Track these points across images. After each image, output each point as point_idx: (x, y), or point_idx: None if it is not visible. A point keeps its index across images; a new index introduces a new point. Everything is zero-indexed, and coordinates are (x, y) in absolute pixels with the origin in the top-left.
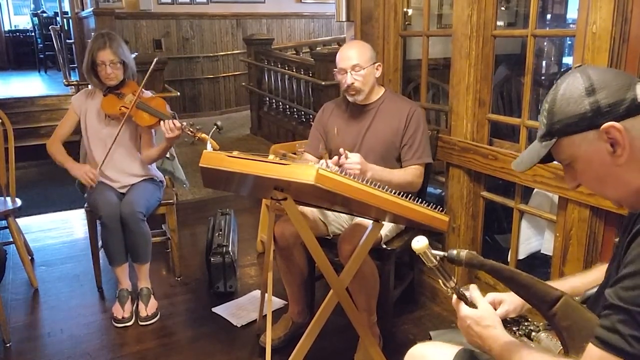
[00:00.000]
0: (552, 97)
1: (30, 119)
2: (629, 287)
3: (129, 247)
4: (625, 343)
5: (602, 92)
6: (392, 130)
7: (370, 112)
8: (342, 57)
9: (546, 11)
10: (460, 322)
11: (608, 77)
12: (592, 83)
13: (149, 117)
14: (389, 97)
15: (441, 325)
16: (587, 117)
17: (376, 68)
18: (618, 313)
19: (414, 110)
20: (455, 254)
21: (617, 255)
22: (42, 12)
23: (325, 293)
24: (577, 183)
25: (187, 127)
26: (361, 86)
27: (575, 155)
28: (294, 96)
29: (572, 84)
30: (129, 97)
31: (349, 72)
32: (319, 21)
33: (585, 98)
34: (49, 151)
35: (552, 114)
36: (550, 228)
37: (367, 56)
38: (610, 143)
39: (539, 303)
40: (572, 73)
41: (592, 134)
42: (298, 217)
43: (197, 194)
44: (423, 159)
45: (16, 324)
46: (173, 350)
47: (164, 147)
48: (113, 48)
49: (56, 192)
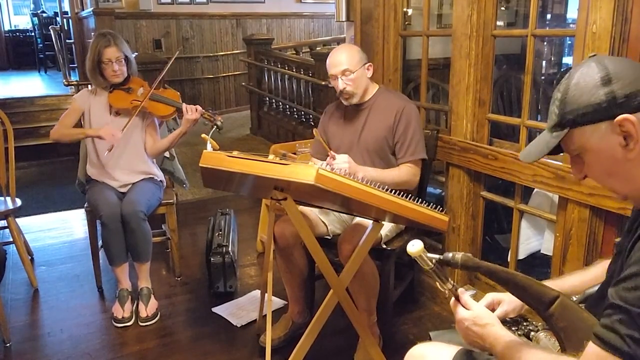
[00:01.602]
0: (565, 86)
1: (30, 119)
2: (630, 288)
3: (130, 246)
4: (623, 342)
5: (618, 82)
6: (384, 127)
7: (364, 111)
8: (332, 63)
9: (546, 11)
10: (459, 324)
11: (624, 68)
12: (608, 73)
13: (164, 107)
14: (382, 94)
15: (441, 325)
16: (602, 108)
17: (367, 69)
18: (618, 313)
19: (404, 106)
20: (450, 256)
21: (621, 254)
22: (42, 12)
23: (325, 293)
24: (584, 175)
25: (206, 112)
26: (353, 90)
27: (585, 146)
28: (294, 96)
29: (587, 73)
30: (140, 91)
31: (339, 78)
32: (319, 21)
33: (600, 88)
34: (54, 137)
35: (565, 103)
36: (550, 228)
37: (356, 59)
38: (623, 136)
39: (536, 304)
40: (586, 62)
41: (604, 126)
42: (298, 217)
43: (197, 194)
44: (416, 155)
45: (16, 324)
46: (173, 350)
47: (180, 132)
48: (118, 45)
49: (56, 192)
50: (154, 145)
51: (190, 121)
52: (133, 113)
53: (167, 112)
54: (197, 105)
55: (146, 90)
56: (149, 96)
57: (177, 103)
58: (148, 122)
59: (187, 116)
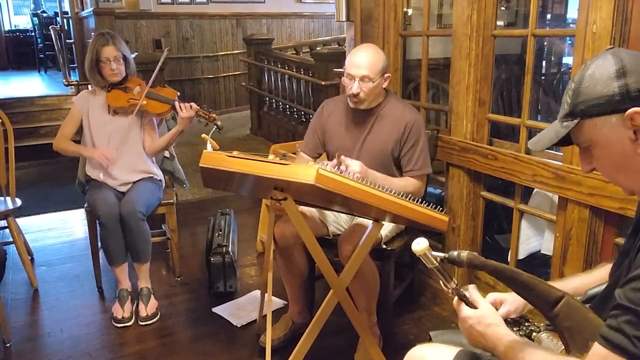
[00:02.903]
0: (579, 76)
1: (30, 119)
2: (637, 289)
3: (129, 246)
4: (630, 343)
5: (632, 75)
6: (391, 139)
7: (370, 117)
8: (354, 63)
9: (546, 11)
10: (462, 323)
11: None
12: (623, 65)
13: (160, 105)
14: (390, 102)
15: (441, 326)
16: (614, 101)
17: (385, 79)
18: (625, 313)
19: (414, 120)
20: (455, 255)
21: (627, 255)
22: (42, 12)
23: (325, 293)
24: (591, 167)
25: (201, 109)
26: (365, 97)
27: (594, 139)
28: (294, 96)
29: (603, 64)
30: (136, 89)
31: (356, 81)
32: (319, 21)
33: (614, 80)
34: (56, 148)
35: (578, 93)
36: (550, 228)
37: (379, 68)
38: (633, 130)
39: (541, 303)
40: (603, 54)
41: (615, 119)
42: (298, 217)
43: (197, 194)
44: (423, 170)
45: (16, 324)
46: (173, 350)
47: (177, 131)
48: (116, 44)
49: (56, 192)
50: (152, 144)
51: (186, 119)
52: (129, 113)
53: (163, 109)
54: (192, 103)
55: (143, 88)
56: (144, 94)
57: (172, 100)
58: (146, 120)
59: (182, 114)
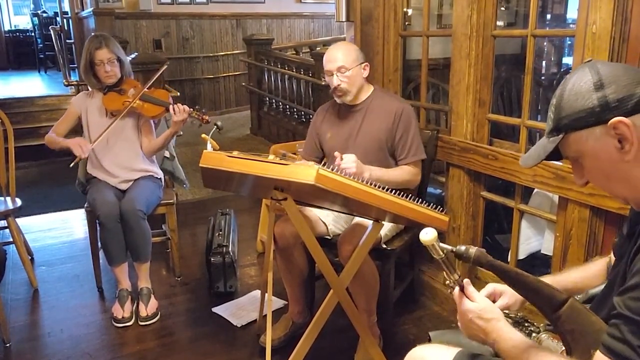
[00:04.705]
0: (560, 91)
1: (30, 119)
2: (636, 298)
3: (129, 245)
4: (635, 353)
5: (610, 86)
6: (382, 129)
7: (359, 112)
8: (328, 58)
9: (546, 11)
10: (462, 317)
11: (617, 72)
12: (600, 78)
13: (153, 107)
14: (378, 95)
15: (441, 326)
16: (595, 112)
17: (363, 68)
18: (627, 324)
19: (402, 108)
20: (464, 249)
21: (623, 258)
22: (42, 12)
23: (325, 293)
24: (585, 180)
25: (194, 111)
26: (348, 87)
27: (582, 151)
28: (294, 96)
29: (581, 78)
30: (131, 92)
31: (335, 74)
32: (318, 21)
33: (593, 93)
34: (46, 142)
35: (560, 108)
36: (550, 228)
37: (352, 57)
38: (617, 139)
39: (545, 306)
40: (581, 68)
41: (599, 129)
42: (298, 217)
43: (197, 194)
44: (417, 156)
45: (16, 324)
46: (173, 350)
47: (170, 132)
48: (109, 47)
49: (56, 192)
50: (149, 145)
51: (178, 123)
52: (126, 114)
53: (157, 112)
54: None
55: (137, 90)
56: (139, 96)
57: (165, 103)
58: (143, 121)
59: (174, 118)
